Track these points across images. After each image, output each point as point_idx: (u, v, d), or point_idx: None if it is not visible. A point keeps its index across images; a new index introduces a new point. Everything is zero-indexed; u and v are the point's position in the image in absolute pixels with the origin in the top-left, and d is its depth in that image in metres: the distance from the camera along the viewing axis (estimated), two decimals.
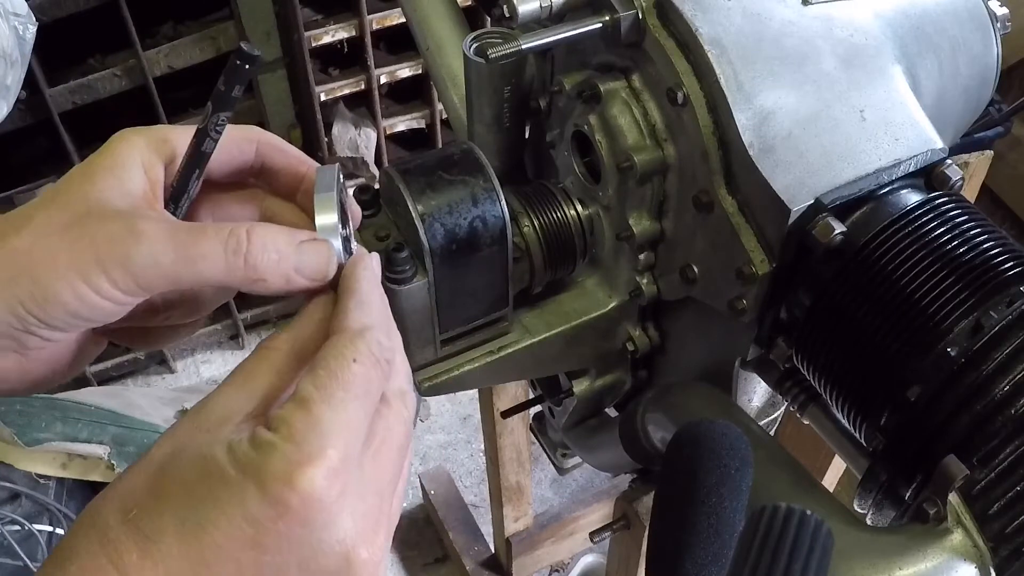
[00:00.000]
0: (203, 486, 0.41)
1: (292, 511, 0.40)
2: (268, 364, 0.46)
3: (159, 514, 0.40)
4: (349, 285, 0.50)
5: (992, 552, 0.57)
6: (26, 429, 1.89)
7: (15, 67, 1.56)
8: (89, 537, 0.40)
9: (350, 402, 0.43)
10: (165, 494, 0.41)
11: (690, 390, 0.79)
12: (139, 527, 0.40)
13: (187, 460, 0.42)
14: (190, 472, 0.41)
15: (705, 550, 0.54)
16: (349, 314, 0.47)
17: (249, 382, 0.46)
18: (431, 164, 0.71)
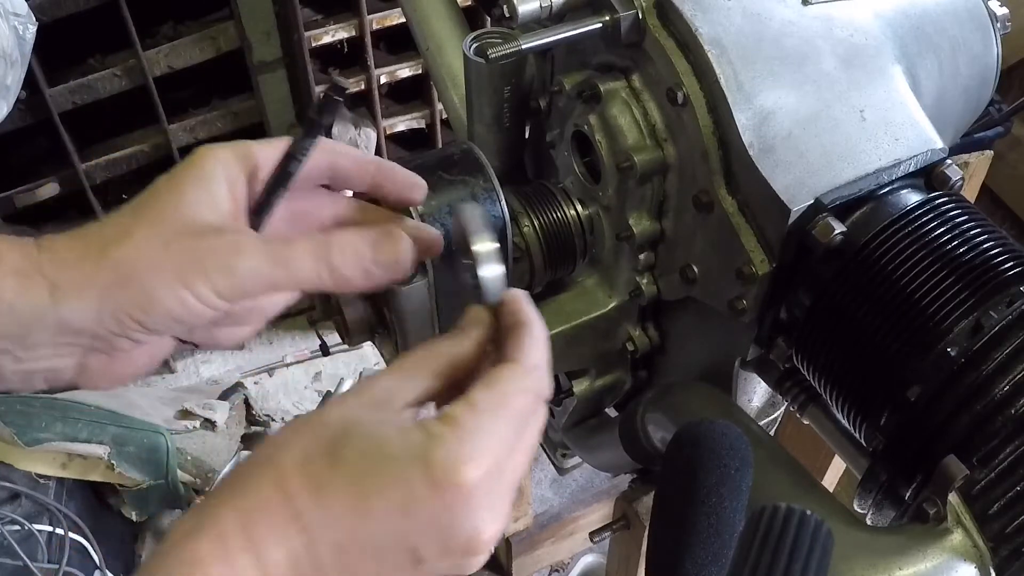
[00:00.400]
0: (376, 458, 0.47)
1: (445, 496, 0.47)
2: (429, 367, 0.53)
3: (334, 472, 0.47)
4: (524, 320, 0.55)
5: (992, 552, 0.57)
6: (26, 429, 1.88)
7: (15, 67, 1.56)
8: (266, 476, 0.47)
9: (511, 425, 0.50)
10: (340, 457, 0.47)
11: (690, 390, 0.79)
12: (314, 477, 0.47)
13: (362, 432, 0.48)
14: (364, 443, 0.48)
15: (705, 550, 0.54)
16: (525, 350, 0.53)
17: (412, 377, 0.52)
18: (431, 164, 0.71)
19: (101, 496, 2.07)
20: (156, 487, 2.05)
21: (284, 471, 0.47)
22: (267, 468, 0.47)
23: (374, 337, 0.78)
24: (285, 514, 0.46)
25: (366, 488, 0.47)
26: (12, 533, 1.76)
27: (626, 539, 1.17)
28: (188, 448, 2.11)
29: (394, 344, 0.76)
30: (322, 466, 0.47)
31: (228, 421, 2.22)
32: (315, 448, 0.48)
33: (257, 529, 0.46)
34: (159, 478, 2.04)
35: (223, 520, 0.46)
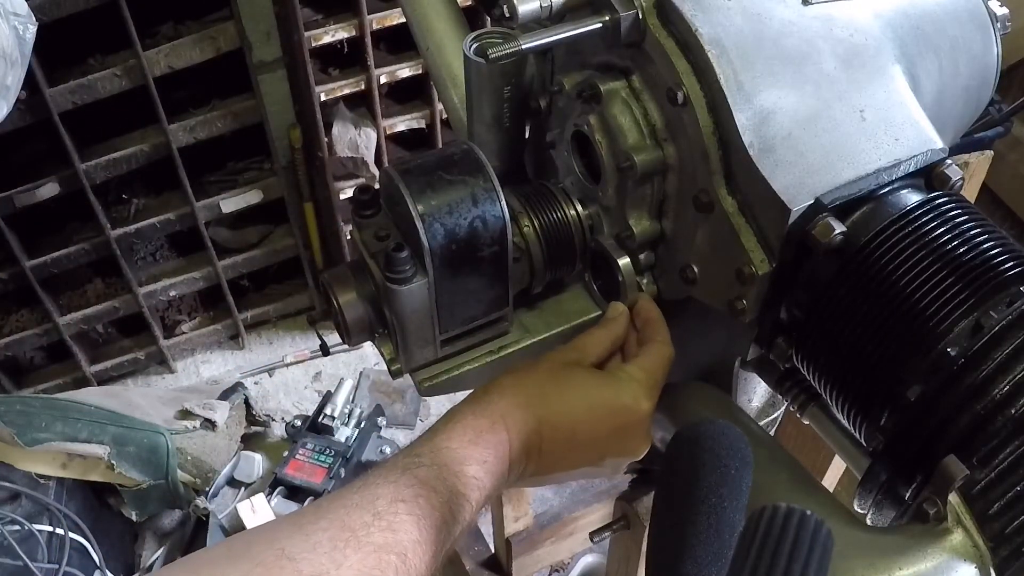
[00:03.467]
0: (590, 389, 0.73)
1: (631, 417, 0.73)
2: (607, 338, 0.78)
3: (563, 393, 0.72)
4: (657, 315, 0.79)
5: (992, 552, 0.57)
6: (26, 429, 1.89)
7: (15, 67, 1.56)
8: (519, 390, 0.71)
9: (662, 376, 0.76)
10: (567, 385, 0.73)
11: (690, 390, 0.79)
12: (548, 395, 0.71)
13: (577, 373, 0.74)
14: (581, 379, 0.73)
15: (705, 550, 0.54)
16: (664, 334, 0.78)
17: (598, 343, 0.77)
18: (431, 164, 0.71)
19: (101, 496, 2.07)
20: (156, 487, 2.05)
21: (530, 387, 0.71)
22: (519, 381, 0.72)
23: (374, 337, 0.78)
24: (529, 413, 0.69)
25: (586, 406, 0.71)
26: (12, 533, 1.76)
27: (626, 539, 1.17)
28: (188, 448, 2.12)
29: (394, 344, 0.77)
30: (555, 387, 0.72)
31: (228, 421, 2.22)
32: (549, 376, 0.73)
33: (513, 420, 0.69)
34: (159, 478, 2.05)
35: (493, 405, 0.69)
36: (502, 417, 0.68)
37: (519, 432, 0.68)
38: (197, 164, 2.21)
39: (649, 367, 0.75)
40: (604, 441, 0.73)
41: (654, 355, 0.76)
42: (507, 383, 0.71)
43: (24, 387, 2.40)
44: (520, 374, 0.73)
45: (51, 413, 1.95)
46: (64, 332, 2.31)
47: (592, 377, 0.74)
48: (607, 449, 0.74)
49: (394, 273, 0.70)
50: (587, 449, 0.72)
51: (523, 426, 0.69)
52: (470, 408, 0.69)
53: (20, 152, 2.05)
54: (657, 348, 0.77)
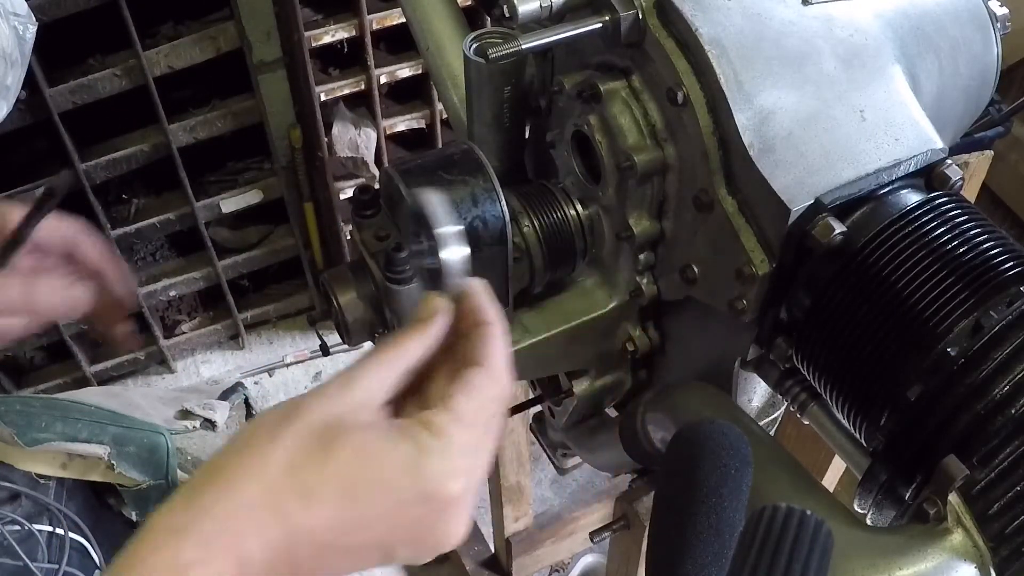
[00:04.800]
0: (367, 468, 0.49)
1: (432, 505, 0.50)
2: (404, 364, 0.54)
3: (323, 479, 0.48)
4: (489, 319, 0.56)
5: (992, 552, 0.57)
6: (26, 429, 1.88)
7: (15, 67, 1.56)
8: (252, 477, 0.48)
9: (484, 432, 0.53)
10: (329, 463, 0.49)
11: (690, 390, 0.79)
12: (304, 483, 0.48)
13: (351, 439, 0.50)
14: (355, 450, 0.49)
15: (705, 550, 0.54)
16: (495, 353, 0.55)
17: (387, 375, 0.53)
18: (431, 164, 0.71)
19: (101, 496, 2.07)
20: (156, 487, 2.05)
21: (271, 473, 0.48)
22: (254, 468, 0.48)
23: (374, 337, 0.78)
24: (271, 519, 0.47)
25: (357, 498, 0.49)
26: (12, 533, 1.76)
27: (626, 539, 1.17)
28: (188, 448, 2.11)
29: None
30: (311, 471, 0.48)
31: (228, 421, 2.21)
32: (303, 451, 0.49)
33: (241, 532, 0.46)
34: (159, 478, 2.04)
35: (209, 521, 0.46)
36: (222, 542, 0.46)
37: (253, 558, 0.46)
38: (197, 164, 2.21)
39: (467, 415, 0.51)
40: (391, 542, 0.51)
41: (475, 394, 0.52)
42: (232, 475, 0.48)
43: (24, 387, 2.40)
44: (254, 452, 0.49)
45: (51, 413, 1.95)
46: (64, 332, 2.31)
47: (368, 446, 0.49)
48: (397, 550, 0.52)
49: (394, 273, 0.70)
50: (367, 553, 0.51)
51: (260, 549, 0.46)
52: (172, 534, 0.46)
53: (20, 152, 2.05)
54: (481, 380, 0.53)
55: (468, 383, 0.53)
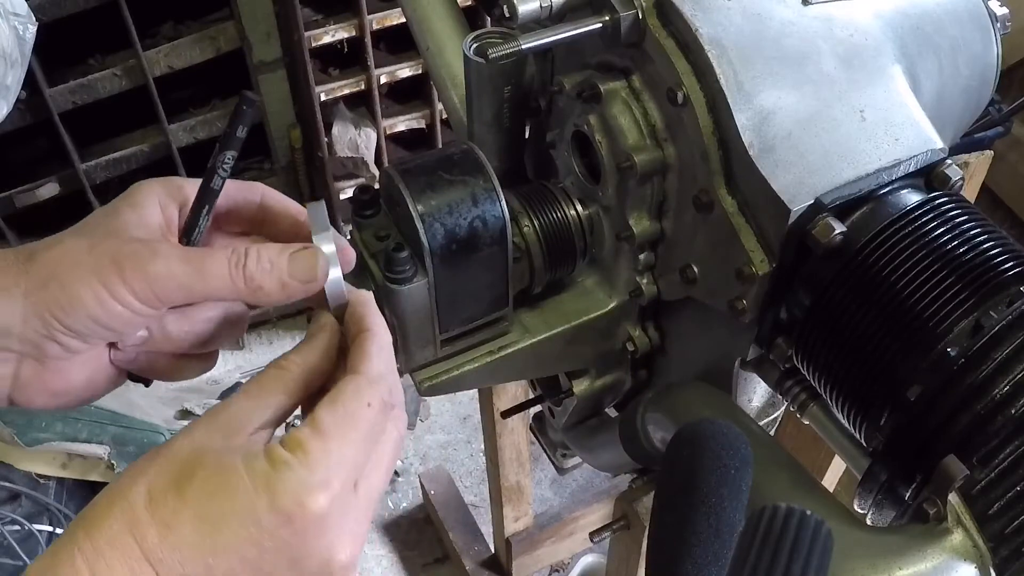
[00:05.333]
0: (222, 491, 0.47)
1: (295, 524, 0.48)
2: (281, 384, 0.53)
3: (181, 507, 0.47)
4: (366, 327, 0.55)
5: (992, 552, 0.57)
6: (26, 429, 1.88)
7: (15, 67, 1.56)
8: (116, 514, 0.47)
9: (360, 442, 0.51)
10: (187, 490, 0.47)
11: (690, 390, 0.79)
12: (162, 514, 0.46)
13: (208, 463, 0.48)
14: (210, 475, 0.48)
15: (705, 550, 0.54)
16: (370, 359, 0.53)
17: (263, 397, 0.52)
18: (431, 164, 0.71)
19: None
20: None
21: (133, 508, 0.47)
22: (117, 505, 0.47)
23: None
24: (134, 554, 0.46)
25: (213, 523, 0.47)
26: (12, 533, 1.76)
27: (626, 539, 1.17)
28: None
29: (394, 344, 0.76)
30: (169, 502, 0.47)
31: None
32: (162, 483, 0.47)
33: (110, 568, 0.45)
34: None
35: (75, 561, 0.45)
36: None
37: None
38: (197, 164, 2.21)
39: (330, 426, 0.49)
40: (267, 569, 0.48)
41: (340, 404, 0.51)
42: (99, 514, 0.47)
43: None
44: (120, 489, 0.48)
45: (51, 413, 1.95)
46: None
47: (225, 472, 0.48)
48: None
49: (394, 273, 0.70)
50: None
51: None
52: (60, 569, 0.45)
53: (20, 152, 2.05)
54: (349, 388, 0.51)
55: (334, 394, 0.51)
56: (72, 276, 0.53)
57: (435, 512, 2.18)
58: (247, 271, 0.56)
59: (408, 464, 2.35)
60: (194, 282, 0.55)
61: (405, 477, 2.32)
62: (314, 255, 0.57)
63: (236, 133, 0.56)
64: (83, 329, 0.54)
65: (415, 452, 2.39)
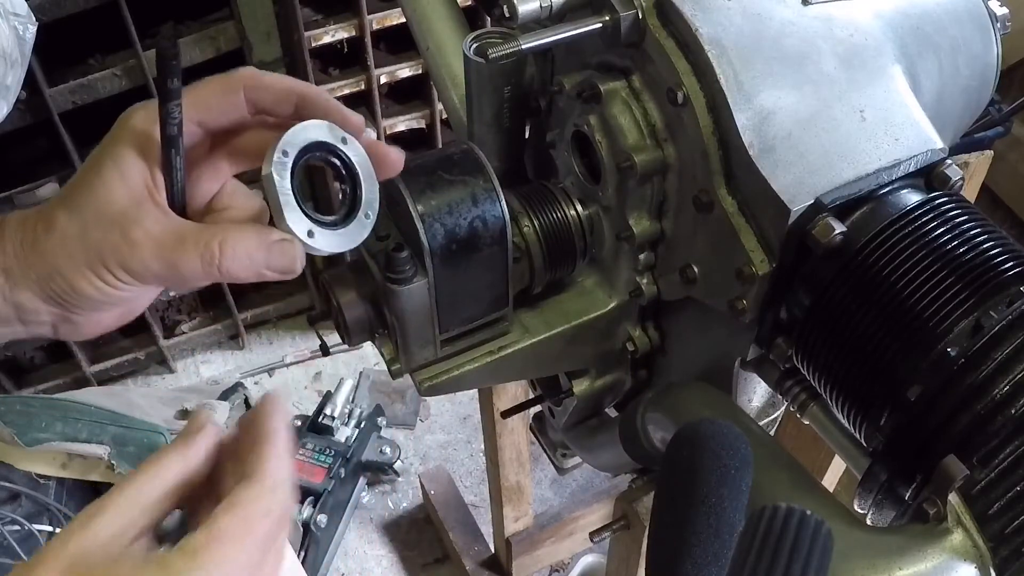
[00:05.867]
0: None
1: None
2: (160, 484, 0.51)
3: None
4: (267, 431, 0.53)
5: (992, 552, 0.57)
6: (26, 429, 1.88)
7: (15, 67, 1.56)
8: None
9: (255, 550, 0.49)
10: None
11: (690, 390, 0.79)
12: None
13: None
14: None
15: (705, 550, 0.54)
16: (268, 464, 0.52)
17: (141, 500, 0.50)
18: (431, 164, 0.71)
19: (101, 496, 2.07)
20: None
21: None
22: None
23: (374, 337, 0.78)
24: None
25: None
26: (12, 533, 1.76)
27: (626, 539, 1.17)
28: None
29: (394, 344, 0.76)
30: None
31: (228, 421, 2.21)
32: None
33: None
34: None
35: None
36: None
37: None
38: None
39: (227, 531, 0.48)
40: None
41: (239, 509, 0.49)
42: None
43: (24, 387, 2.40)
44: None
45: (51, 413, 1.95)
46: None
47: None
48: None
49: (394, 273, 0.70)
50: None
51: None
52: None
53: (20, 152, 2.05)
54: (248, 494, 0.50)
55: (233, 498, 0.50)
56: (70, 268, 0.57)
57: (435, 512, 2.18)
58: (222, 268, 0.57)
59: (408, 464, 2.35)
60: (169, 275, 0.58)
61: (405, 477, 2.32)
62: (292, 247, 0.58)
63: (168, 86, 0.55)
64: (92, 308, 0.59)
65: (415, 452, 2.39)
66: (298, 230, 0.58)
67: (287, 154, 0.58)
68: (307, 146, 0.59)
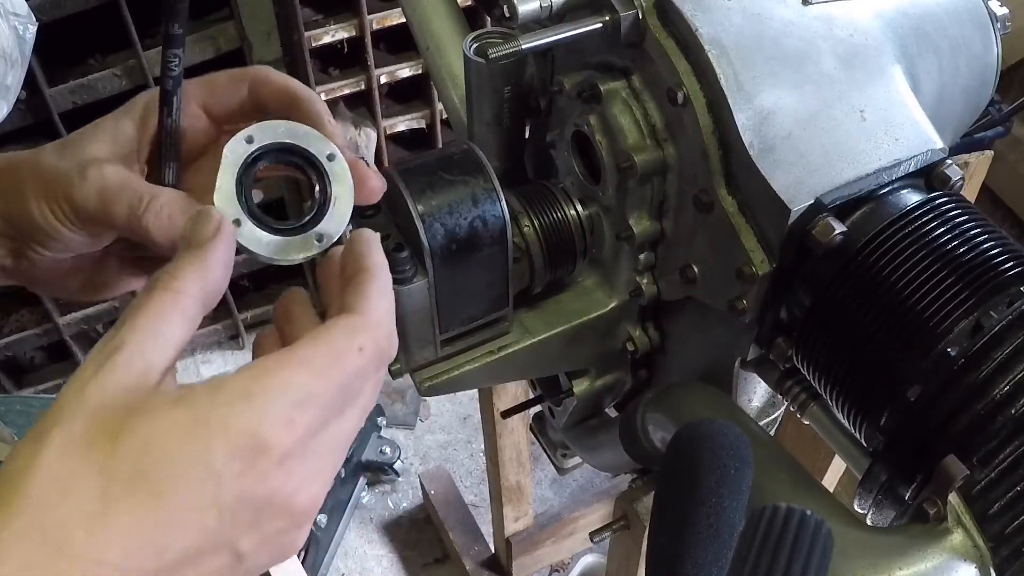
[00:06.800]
0: (159, 452, 0.38)
1: (257, 465, 0.40)
2: (179, 313, 0.44)
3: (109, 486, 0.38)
4: (370, 266, 0.48)
5: (992, 552, 0.57)
6: (26, 429, 1.88)
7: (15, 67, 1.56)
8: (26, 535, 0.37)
9: (338, 391, 0.43)
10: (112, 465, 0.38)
11: (690, 390, 0.79)
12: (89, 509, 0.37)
13: (134, 427, 0.39)
14: (140, 440, 0.39)
15: (705, 550, 0.54)
16: (371, 300, 0.46)
17: (162, 331, 0.43)
18: (431, 164, 0.71)
19: None
20: None
21: (50, 518, 0.36)
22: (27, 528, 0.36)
23: None
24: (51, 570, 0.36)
25: (158, 494, 0.38)
26: None
27: (626, 539, 1.17)
28: None
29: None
30: (92, 485, 0.37)
31: None
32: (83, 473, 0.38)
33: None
34: None
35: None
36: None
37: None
38: None
39: (315, 359, 0.43)
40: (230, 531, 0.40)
41: (325, 344, 0.44)
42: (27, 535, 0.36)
43: (24, 387, 2.40)
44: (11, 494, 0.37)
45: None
46: (64, 332, 2.31)
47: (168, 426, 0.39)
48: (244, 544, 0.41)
49: (394, 273, 0.69)
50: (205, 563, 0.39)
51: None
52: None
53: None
54: (343, 327, 0.45)
55: (322, 330, 0.44)
56: (28, 189, 0.55)
57: (435, 512, 2.18)
58: (143, 220, 0.53)
59: (408, 464, 2.35)
60: (99, 214, 0.55)
61: (405, 477, 2.32)
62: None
63: (172, 31, 0.54)
64: (40, 240, 0.57)
65: (415, 452, 2.39)
66: (225, 211, 0.51)
67: (252, 140, 0.54)
68: (282, 145, 0.55)
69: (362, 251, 0.50)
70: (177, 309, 0.44)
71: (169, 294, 0.44)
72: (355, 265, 0.49)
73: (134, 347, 0.42)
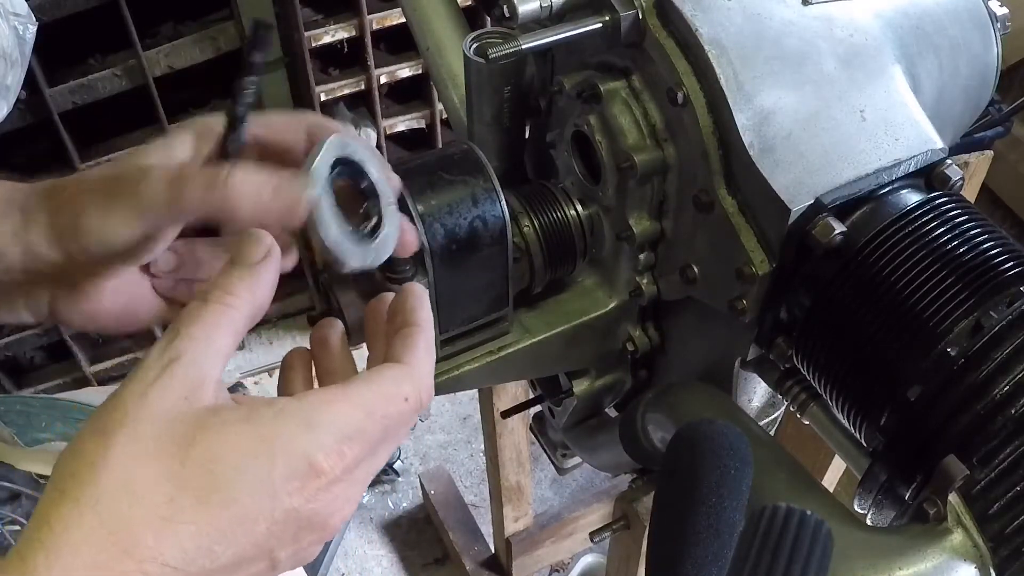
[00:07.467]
0: (224, 462, 0.42)
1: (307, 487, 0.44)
2: (230, 325, 0.47)
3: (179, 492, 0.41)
4: (419, 320, 0.52)
5: (992, 552, 0.57)
6: (26, 429, 1.89)
7: (15, 67, 1.56)
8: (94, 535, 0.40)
9: (379, 432, 0.47)
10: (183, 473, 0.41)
11: (690, 390, 0.79)
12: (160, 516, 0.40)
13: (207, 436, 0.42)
14: (209, 452, 0.42)
15: (705, 550, 0.54)
16: (418, 353, 0.51)
17: (215, 342, 0.46)
18: (431, 164, 0.71)
19: None
20: None
21: (120, 519, 0.39)
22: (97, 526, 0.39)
23: None
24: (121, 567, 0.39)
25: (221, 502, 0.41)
26: (13, 533, 1.76)
27: (626, 539, 1.17)
28: None
29: None
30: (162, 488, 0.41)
31: None
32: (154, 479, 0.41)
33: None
34: None
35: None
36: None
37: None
38: None
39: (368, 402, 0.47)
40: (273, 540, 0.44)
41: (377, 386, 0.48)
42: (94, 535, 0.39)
43: (24, 387, 2.40)
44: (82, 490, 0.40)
45: (51, 413, 1.95)
46: (64, 332, 2.31)
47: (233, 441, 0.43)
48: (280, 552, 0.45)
49: (394, 273, 0.70)
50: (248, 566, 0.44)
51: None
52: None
53: (20, 152, 2.05)
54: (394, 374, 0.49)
55: (374, 373, 0.48)
56: (83, 200, 0.53)
57: (435, 512, 2.18)
58: (227, 195, 0.51)
59: (408, 464, 2.35)
60: (171, 202, 0.52)
61: (405, 477, 2.32)
62: (297, 190, 0.51)
63: (254, 59, 0.55)
64: (95, 249, 0.53)
65: (415, 452, 2.39)
66: (317, 179, 0.53)
67: (349, 147, 0.56)
68: (366, 170, 0.57)
69: (414, 305, 0.53)
70: (229, 322, 0.47)
71: (222, 307, 0.47)
72: (406, 317, 0.53)
73: (191, 357, 0.44)
